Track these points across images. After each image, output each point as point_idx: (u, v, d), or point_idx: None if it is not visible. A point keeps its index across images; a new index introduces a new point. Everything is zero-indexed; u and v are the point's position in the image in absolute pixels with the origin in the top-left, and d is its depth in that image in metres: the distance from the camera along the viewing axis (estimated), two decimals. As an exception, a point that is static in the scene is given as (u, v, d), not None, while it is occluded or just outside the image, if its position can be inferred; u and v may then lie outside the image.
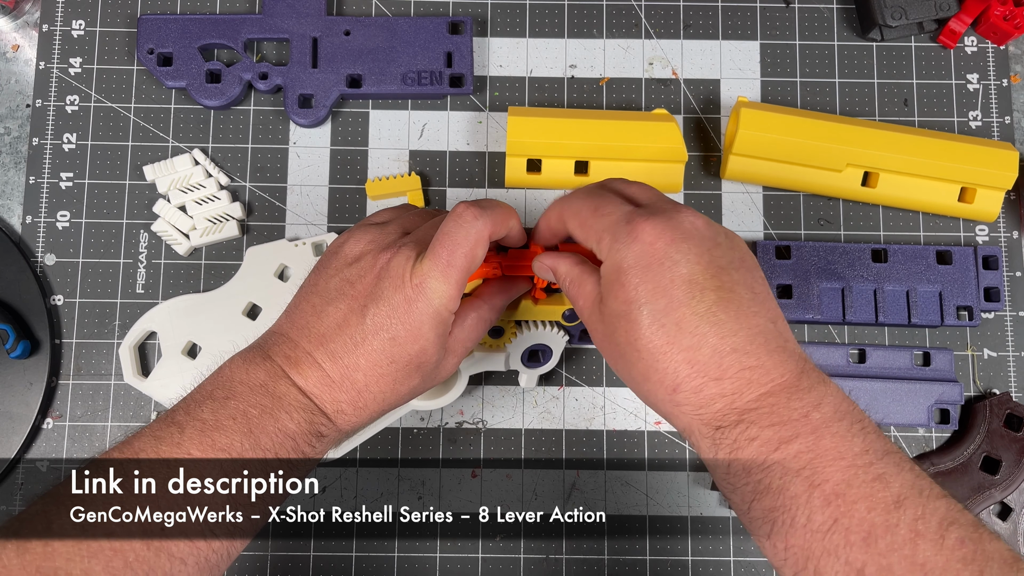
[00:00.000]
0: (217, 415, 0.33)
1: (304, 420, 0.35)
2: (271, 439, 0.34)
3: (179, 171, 0.51)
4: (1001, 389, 0.50)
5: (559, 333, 0.48)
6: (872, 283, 0.50)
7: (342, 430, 0.36)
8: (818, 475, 0.29)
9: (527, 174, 0.51)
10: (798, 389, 0.31)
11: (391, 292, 0.35)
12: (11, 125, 0.53)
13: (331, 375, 0.35)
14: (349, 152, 0.53)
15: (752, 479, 0.30)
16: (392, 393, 0.37)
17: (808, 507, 0.28)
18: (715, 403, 0.31)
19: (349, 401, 0.36)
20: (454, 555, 0.49)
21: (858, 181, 0.51)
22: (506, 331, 0.48)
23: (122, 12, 0.54)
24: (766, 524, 0.30)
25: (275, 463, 0.34)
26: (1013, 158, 0.50)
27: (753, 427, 0.30)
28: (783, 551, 0.29)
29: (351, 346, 0.35)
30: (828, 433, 0.30)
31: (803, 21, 0.55)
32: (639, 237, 0.33)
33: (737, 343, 0.31)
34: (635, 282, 0.32)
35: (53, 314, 0.50)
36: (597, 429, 0.50)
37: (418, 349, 0.36)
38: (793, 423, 0.30)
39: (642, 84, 0.54)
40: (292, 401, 0.35)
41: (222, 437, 0.33)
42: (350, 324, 0.36)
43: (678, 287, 0.32)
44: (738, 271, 0.33)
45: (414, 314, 0.35)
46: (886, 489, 0.28)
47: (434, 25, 0.52)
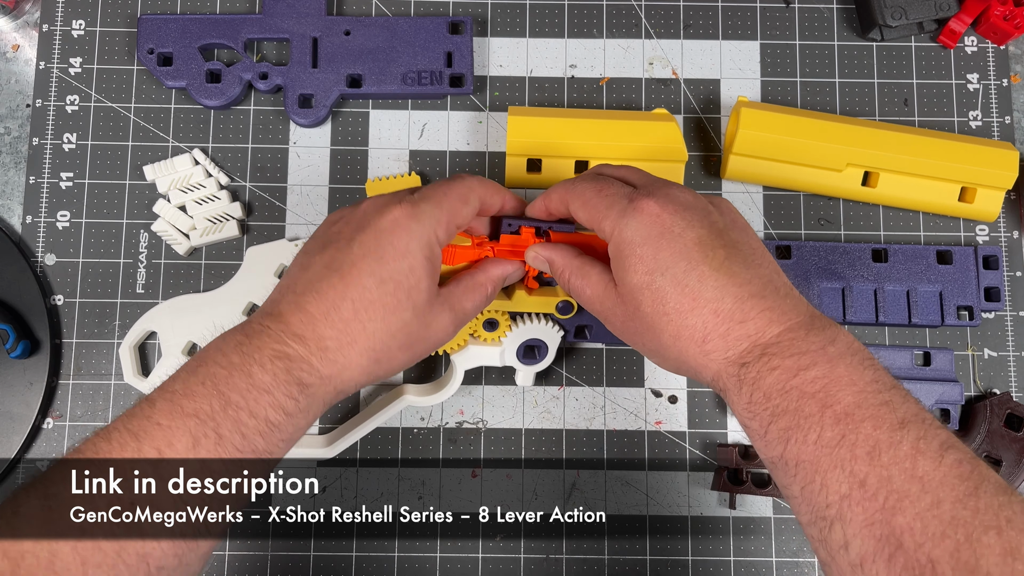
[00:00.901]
0: (187, 384, 0.33)
1: (281, 370, 0.34)
2: (242, 396, 0.33)
3: (179, 171, 0.51)
4: (1001, 389, 0.50)
5: (554, 328, 0.48)
6: (872, 283, 0.50)
7: (328, 377, 0.35)
8: (831, 397, 0.31)
9: (527, 174, 0.51)
10: (813, 327, 0.33)
11: (377, 219, 0.37)
12: (11, 125, 0.53)
13: (315, 313, 0.35)
14: (349, 152, 0.53)
15: (771, 403, 0.32)
16: (382, 325, 0.36)
17: (820, 425, 0.30)
18: (741, 344, 0.34)
19: (335, 336, 0.35)
20: (454, 555, 0.49)
21: (858, 181, 0.51)
22: (500, 324, 0.48)
23: (122, 12, 0.54)
24: (780, 443, 0.32)
25: (251, 424, 0.32)
26: (1013, 158, 0.50)
27: (775, 358, 0.33)
28: (794, 467, 0.31)
29: (337, 279, 0.36)
30: (842, 363, 0.32)
31: (803, 21, 0.55)
32: (644, 211, 0.35)
33: (753, 290, 0.34)
34: (651, 252, 0.35)
35: (53, 314, 0.50)
36: (597, 429, 0.50)
37: (406, 267, 0.36)
38: (811, 354, 0.32)
39: (642, 84, 0.54)
40: (267, 353, 0.34)
41: (189, 403, 0.32)
42: (336, 260, 0.36)
43: (692, 249, 0.35)
44: (735, 231, 0.36)
45: (400, 233, 0.36)
46: (892, 413, 0.30)
47: (434, 25, 0.52)
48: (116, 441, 0.31)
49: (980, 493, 0.27)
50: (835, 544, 0.29)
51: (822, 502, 0.30)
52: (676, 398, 0.50)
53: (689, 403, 0.50)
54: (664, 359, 0.37)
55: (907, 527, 0.27)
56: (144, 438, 0.31)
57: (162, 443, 0.31)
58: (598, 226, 0.37)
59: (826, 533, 0.29)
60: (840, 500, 0.29)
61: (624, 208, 0.36)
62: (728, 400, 0.35)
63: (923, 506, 0.27)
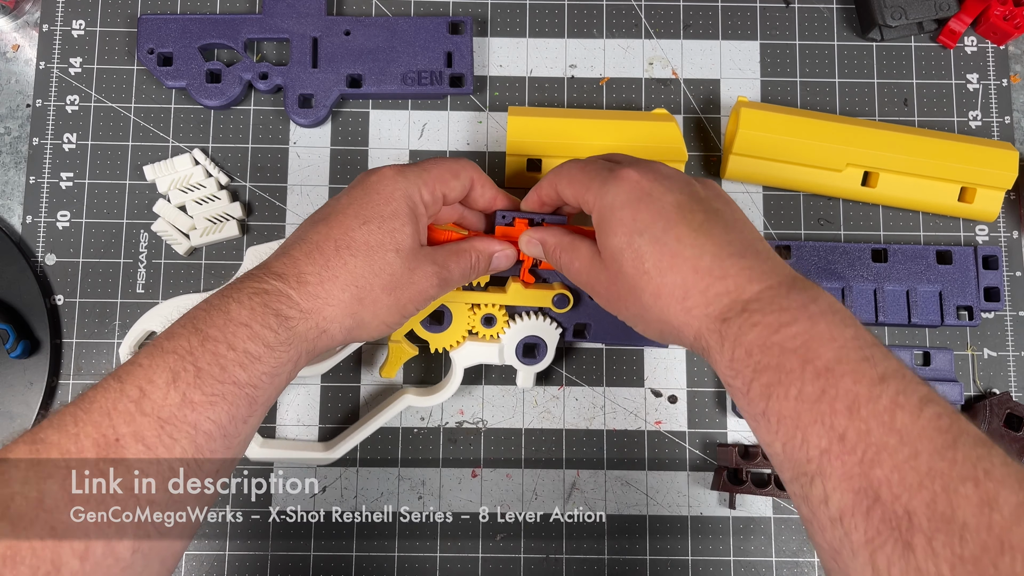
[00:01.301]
0: (170, 329, 0.34)
1: (258, 304, 0.35)
2: (220, 330, 0.33)
3: (179, 171, 0.51)
4: (1001, 389, 0.50)
5: (552, 324, 0.47)
6: (872, 283, 0.50)
7: (308, 311, 0.36)
8: (811, 353, 0.31)
9: (527, 173, 0.51)
10: (795, 287, 0.33)
11: (365, 177, 0.39)
12: (11, 125, 0.53)
13: (297, 255, 0.37)
14: (349, 152, 0.53)
15: (753, 360, 0.32)
16: (364, 261, 0.37)
17: (800, 380, 0.30)
18: (722, 300, 0.34)
19: (315, 272, 0.36)
20: (454, 555, 0.49)
21: (858, 181, 0.51)
22: (498, 320, 0.48)
23: (122, 12, 0.54)
24: (762, 400, 0.31)
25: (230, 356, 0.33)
26: (1013, 158, 0.50)
27: (756, 314, 0.33)
28: (776, 423, 0.31)
29: (323, 226, 0.38)
30: (823, 320, 0.32)
31: (803, 21, 0.55)
32: (625, 178, 0.37)
33: (733, 250, 0.35)
34: (631, 215, 0.36)
35: (53, 314, 0.50)
36: (597, 429, 0.50)
37: (389, 211, 0.38)
38: (792, 311, 0.32)
39: (642, 84, 0.54)
40: (246, 291, 0.35)
41: (169, 342, 0.33)
42: (323, 213, 0.39)
43: (670, 211, 0.36)
44: (717, 201, 0.37)
45: (386, 183, 0.39)
46: (872, 368, 0.30)
47: (434, 25, 0.52)
48: (101, 387, 0.32)
49: (959, 445, 0.27)
50: (816, 499, 0.29)
51: (803, 457, 0.30)
52: (676, 398, 0.50)
53: (689, 403, 0.50)
54: (647, 323, 0.37)
55: (885, 479, 0.27)
56: (127, 379, 0.32)
57: (143, 380, 0.32)
58: (583, 199, 0.39)
59: (807, 488, 0.29)
60: (820, 455, 0.29)
61: (606, 178, 0.38)
62: (710, 359, 0.35)
63: (901, 458, 0.27)
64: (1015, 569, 0.24)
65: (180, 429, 0.31)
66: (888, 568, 0.26)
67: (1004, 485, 0.26)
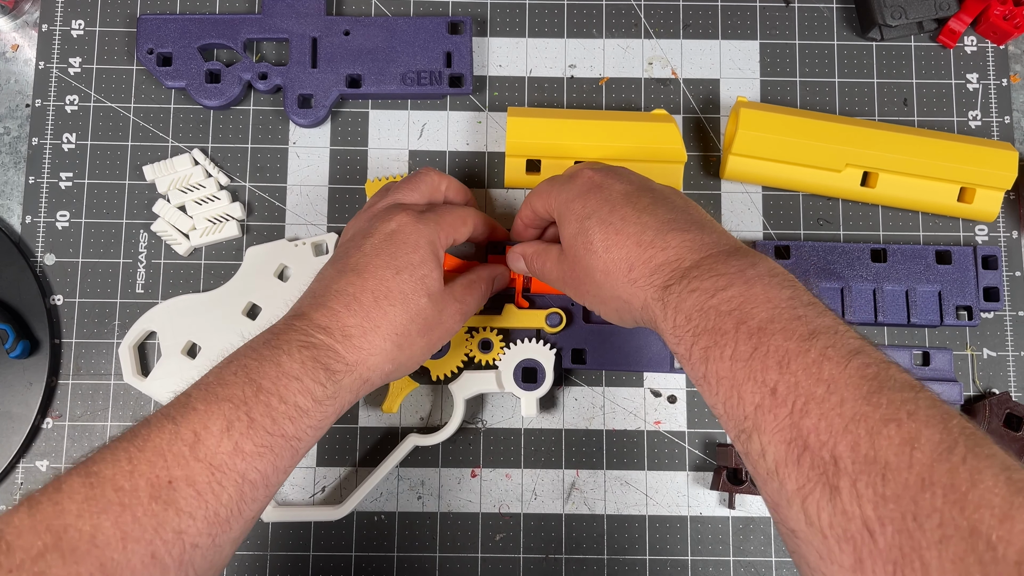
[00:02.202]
0: (220, 374, 0.35)
1: (308, 358, 0.36)
2: (273, 382, 0.34)
3: (179, 171, 0.51)
4: (1001, 389, 0.50)
5: (547, 347, 0.48)
6: (871, 283, 0.50)
7: (354, 364, 0.37)
8: (745, 314, 0.32)
9: (526, 174, 0.51)
10: (735, 254, 0.35)
11: (383, 224, 0.41)
12: (11, 125, 0.53)
13: (337, 307, 0.38)
14: (349, 152, 0.53)
15: (692, 324, 0.33)
16: (401, 309, 0.39)
17: (735, 340, 0.31)
18: (663, 269, 0.36)
19: (357, 324, 0.37)
20: (454, 555, 0.49)
21: (857, 181, 0.51)
22: (494, 344, 0.48)
23: (122, 12, 0.54)
24: (702, 363, 0.33)
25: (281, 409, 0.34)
26: (1012, 158, 0.50)
27: (695, 281, 0.34)
28: (715, 384, 0.32)
29: (354, 276, 0.39)
30: (760, 284, 0.33)
31: (803, 21, 0.55)
32: (579, 176, 0.41)
33: (676, 225, 0.37)
34: (581, 204, 0.39)
35: (53, 314, 0.50)
36: (597, 429, 0.50)
37: (418, 259, 0.40)
38: (729, 276, 0.33)
39: (642, 84, 0.54)
40: (295, 344, 0.36)
41: (224, 389, 0.34)
42: (350, 262, 0.40)
43: (617, 197, 0.38)
44: (669, 192, 0.40)
45: (408, 231, 0.40)
46: (804, 325, 0.31)
47: (434, 25, 0.52)
48: (155, 425, 0.33)
49: (883, 390, 0.28)
50: (755, 454, 0.30)
51: (740, 414, 0.30)
52: (675, 398, 0.50)
53: (688, 403, 0.50)
54: (603, 301, 0.39)
55: (812, 428, 0.28)
56: (181, 421, 0.33)
57: (198, 425, 0.32)
58: (548, 205, 0.42)
59: (747, 445, 0.30)
60: (755, 410, 0.30)
61: (564, 180, 0.41)
62: (658, 329, 0.36)
63: (828, 407, 0.28)
64: (935, 504, 0.24)
65: (229, 477, 0.32)
66: (818, 513, 0.27)
67: (927, 424, 0.26)
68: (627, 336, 0.49)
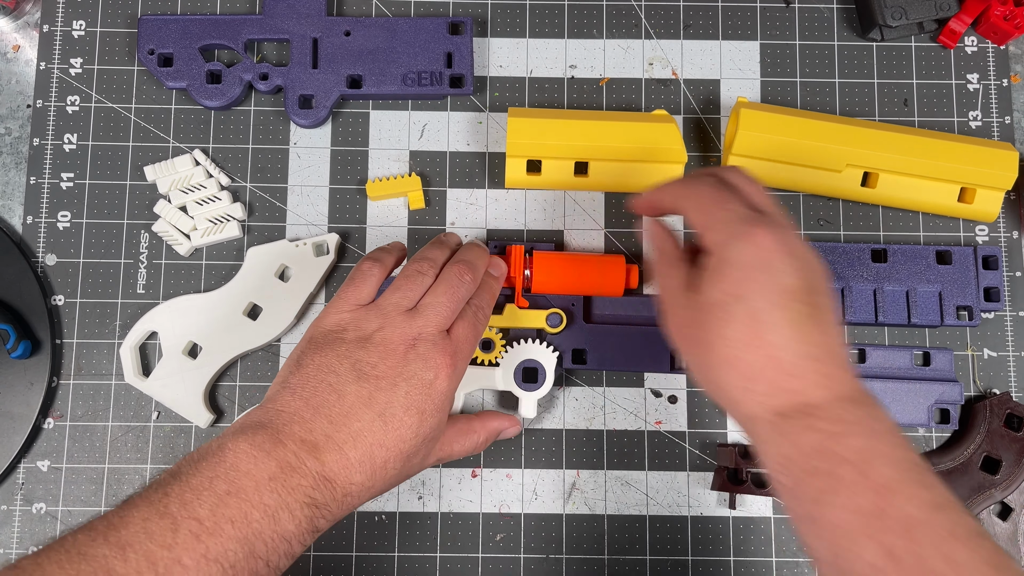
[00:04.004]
0: (216, 515, 0.32)
1: (305, 519, 0.34)
2: (266, 545, 0.32)
3: (180, 171, 0.51)
4: (1001, 389, 0.50)
5: (549, 348, 0.48)
6: (872, 283, 0.50)
7: (334, 521, 0.36)
8: (869, 467, 0.31)
9: (527, 175, 0.51)
10: (860, 401, 0.34)
11: (423, 370, 0.38)
12: (12, 125, 0.53)
13: (352, 458, 0.36)
14: (349, 152, 0.53)
15: (808, 462, 0.32)
16: (403, 470, 0.38)
17: (855, 492, 0.31)
18: (786, 396, 0.34)
19: (361, 482, 0.36)
20: (454, 555, 0.49)
21: (858, 181, 0.51)
22: (495, 344, 0.48)
23: (122, 12, 0.54)
24: (811, 503, 0.32)
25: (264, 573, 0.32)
26: (1013, 158, 0.50)
27: (818, 420, 0.33)
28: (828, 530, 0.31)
29: (379, 424, 0.37)
30: (884, 440, 0.32)
31: (803, 21, 0.55)
32: (754, 240, 0.35)
33: (815, 353, 0.34)
34: (740, 278, 0.35)
35: (54, 314, 0.51)
36: (597, 429, 0.50)
37: (437, 421, 0.39)
38: (854, 424, 0.33)
39: (642, 84, 0.54)
40: (299, 497, 0.34)
41: (216, 544, 0.31)
42: (377, 401, 0.37)
43: (777, 293, 0.34)
44: (823, 296, 0.36)
45: (441, 389, 0.38)
46: (928, 493, 0.31)
47: (434, 25, 0.53)
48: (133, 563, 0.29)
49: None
50: None
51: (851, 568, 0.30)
52: (676, 398, 0.50)
53: (689, 403, 0.50)
54: (706, 379, 0.37)
55: None
56: (165, 573, 0.30)
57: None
58: (704, 232, 0.37)
59: None
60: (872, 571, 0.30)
61: (737, 231, 0.36)
62: (758, 445, 0.35)
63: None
64: None
65: None
66: None
67: None
68: (627, 336, 0.49)
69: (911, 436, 0.50)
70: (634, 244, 0.52)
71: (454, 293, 0.41)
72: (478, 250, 0.45)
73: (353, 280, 0.42)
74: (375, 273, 0.42)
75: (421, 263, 0.42)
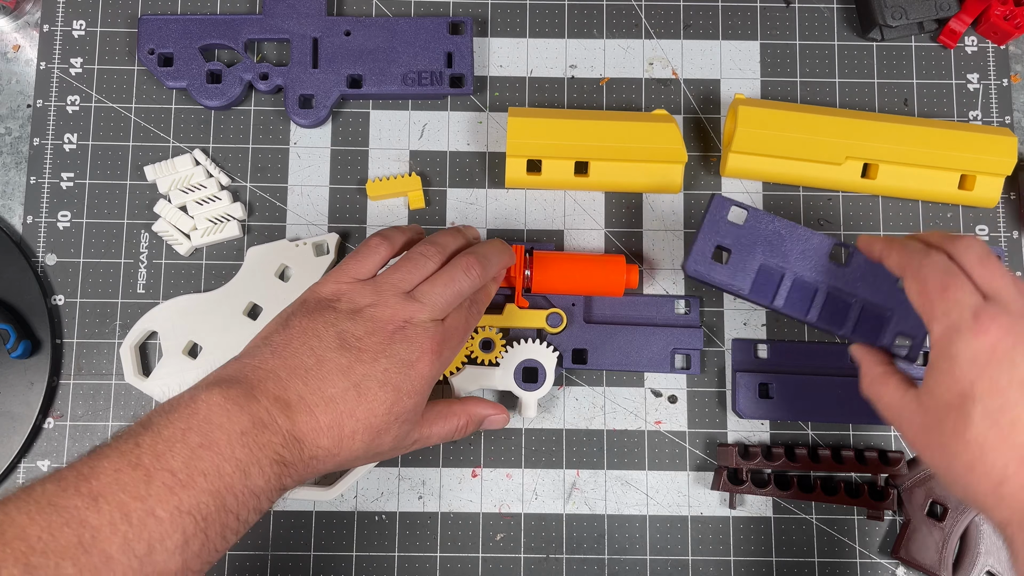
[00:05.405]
0: (189, 468, 0.31)
1: (274, 475, 0.34)
2: (237, 499, 0.32)
3: (180, 171, 0.51)
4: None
5: (550, 348, 0.48)
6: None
7: (300, 482, 0.36)
8: None
9: (527, 174, 0.51)
10: None
11: (407, 350, 0.38)
12: (12, 125, 0.53)
13: (322, 422, 0.35)
14: (349, 152, 0.53)
15: None
16: (371, 445, 0.37)
17: None
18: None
19: (327, 448, 0.36)
20: (454, 555, 0.49)
21: (858, 173, 0.51)
22: (495, 343, 0.48)
23: (123, 12, 0.54)
24: None
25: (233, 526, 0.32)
26: (1012, 144, 0.50)
27: None
28: None
29: (353, 394, 0.36)
30: None
31: (803, 21, 0.55)
32: (985, 332, 0.33)
33: None
34: (971, 377, 0.33)
35: (54, 314, 0.51)
36: (597, 429, 0.50)
37: (413, 404, 0.38)
38: None
39: (642, 84, 0.54)
40: (269, 453, 0.33)
41: (189, 497, 0.31)
42: (355, 372, 0.37)
43: (1015, 389, 0.32)
44: None
45: (424, 373, 0.38)
46: None
47: (434, 25, 0.53)
48: (107, 514, 0.29)
49: None
50: None
51: None
52: (676, 398, 0.50)
53: (689, 403, 0.50)
54: (952, 483, 0.35)
55: None
56: (139, 525, 0.29)
57: (155, 537, 0.30)
58: (928, 322, 0.35)
59: None
60: None
61: (963, 322, 0.34)
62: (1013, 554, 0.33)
63: None
64: None
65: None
66: None
67: None
68: (628, 336, 0.50)
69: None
70: (634, 244, 0.52)
71: (456, 286, 0.40)
72: (499, 247, 0.44)
73: (358, 254, 0.41)
74: (381, 251, 0.42)
75: (428, 247, 0.42)
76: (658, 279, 0.52)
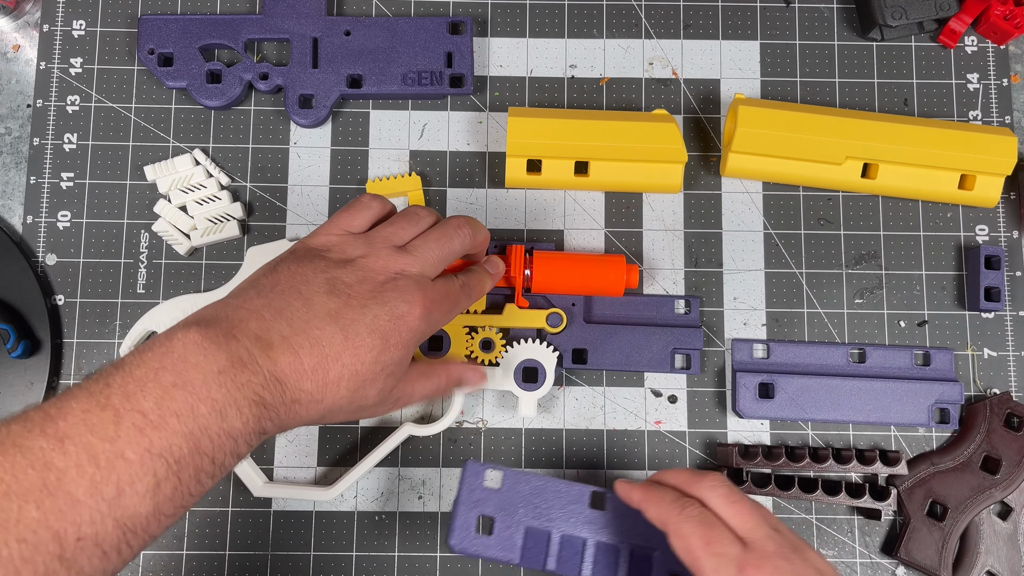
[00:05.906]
0: (161, 408, 0.30)
1: (252, 417, 0.32)
2: (212, 442, 0.31)
3: (180, 171, 0.51)
4: (1001, 389, 0.50)
5: (549, 348, 0.48)
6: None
7: (281, 428, 0.34)
8: None
9: (527, 174, 0.51)
10: None
11: (397, 301, 0.37)
12: (12, 125, 0.53)
13: (305, 364, 0.34)
14: (349, 152, 0.53)
15: None
16: (355, 396, 0.36)
17: None
18: None
19: (310, 392, 0.34)
20: (454, 555, 0.49)
21: (858, 173, 0.51)
22: (495, 344, 0.48)
23: (122, 12, 0.54)
24: None
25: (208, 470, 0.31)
26: (1012, 143, 0.50)
27: None
28: None
29: (340, 338, 0.35)
30: None
31: (803, 21, 0.55)
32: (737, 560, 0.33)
33: None
34: None
35: (54, 314, 0.51)
36: (597, 429, 0.50)
37: (400, 356, 0.37)
38: None
39: (642, 84, 0.54)
40: (247, 394, 0.32)
41: (161, 438, 0.29)
42: (343, 316, 0.35)
43: None
44: None
45: (412, 327, 0.37)
46: None
47: (434, 25, 0.53)
48: (73, 456, 0.28)
49: None
50: None
51: None
52: (676, 398, 0.50)
53: (689, 403, 0.50)
54: None
55: None
56: (107, 467, 0.28)
57: (125, 480, 0.28)
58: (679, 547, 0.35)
59: None
60: None
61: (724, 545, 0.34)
62: None
63: None
64: None
65: (139, 538, 0.29)
66: None
67: None
68: (628, 336, 0.50)
69: (911, 436, 0.50)
70: (634, 244, 0.52)
71: (447, 243, 0.40)
72: (484, 230, 0.44)
73: (350, 207, 0.41)
74: (374, 207, 0.41)
75: (421, 208, 0.42)
76: (658, 279, 0.52)
